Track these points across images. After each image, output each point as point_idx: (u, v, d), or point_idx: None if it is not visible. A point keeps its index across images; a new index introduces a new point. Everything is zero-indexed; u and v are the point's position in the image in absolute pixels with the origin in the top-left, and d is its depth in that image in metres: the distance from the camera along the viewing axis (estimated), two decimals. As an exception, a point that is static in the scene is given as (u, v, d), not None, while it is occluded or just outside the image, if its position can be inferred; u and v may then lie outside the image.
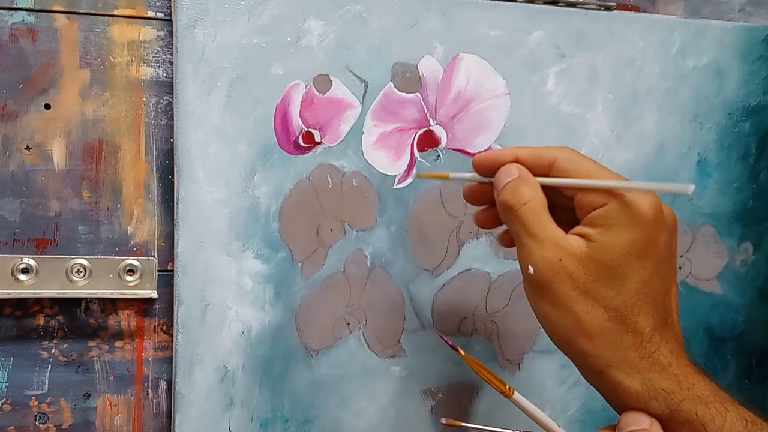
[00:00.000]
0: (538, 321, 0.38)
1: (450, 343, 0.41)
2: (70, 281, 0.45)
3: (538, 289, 0.37)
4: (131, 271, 0.46)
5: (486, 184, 0.40)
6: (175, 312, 0.46)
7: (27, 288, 0.45)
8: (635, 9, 0.54)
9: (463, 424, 0.42)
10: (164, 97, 0.47)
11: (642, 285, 0.35)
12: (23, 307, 0.46)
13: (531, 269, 0.36)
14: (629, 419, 0.36)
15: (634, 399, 0.35)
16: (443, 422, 0.42)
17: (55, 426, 0.47)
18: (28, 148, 0.45)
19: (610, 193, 0.35)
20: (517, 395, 0.40)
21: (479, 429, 0.42)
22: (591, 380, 0.37)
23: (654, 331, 0.35)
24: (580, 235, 0.36)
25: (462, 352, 0.41)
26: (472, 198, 0.42)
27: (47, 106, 0.45)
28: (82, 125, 0.46)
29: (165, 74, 0.47)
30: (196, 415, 0.47)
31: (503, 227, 0.41)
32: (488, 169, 0.40)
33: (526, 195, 0.37)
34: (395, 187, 0.49)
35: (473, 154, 0.50)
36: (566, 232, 0.36)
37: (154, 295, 0.47)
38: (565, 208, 0.39)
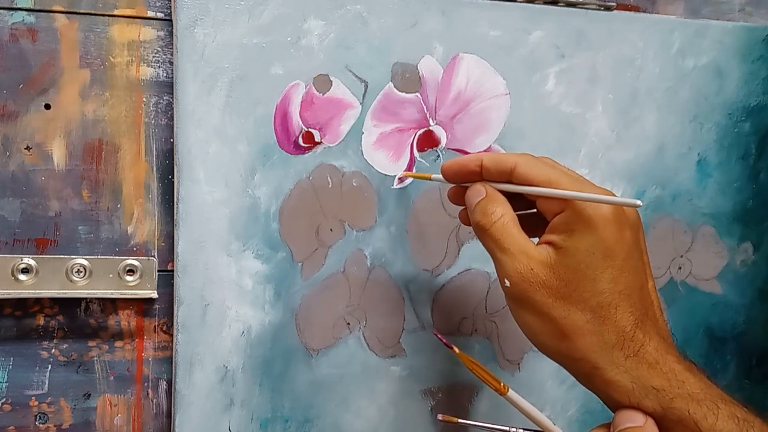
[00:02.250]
0: (523, 332, 0.39)
1: (444, 340, 0.41)
2: (70, 281, 0.45)
3: (516, 300, 0.38)
4: (131, 271, 0.46)
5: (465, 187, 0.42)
6: (175, 312, 0.46)
7: (27, 288, 0.45)
8: (635, 9, 0.54)
9: (459, 420, 0.42)
10: (164, 97, 0.47)
11: (614, 284, 0.36)
12: (23, 307, 0.46)
13: (507, 282, 0.38)
14: (624, 417, 0.36)
15: (626, 397, 0.36)
16: (439, 418, 0.42)
17: (55, 426, 0.47)
18: (28, 148, 0.45)
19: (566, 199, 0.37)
20: (511, 393, 0.40)
21: (475, 425, 0.42)
22: (583, 383, 0.38)
23: (636, 328, 0.36)
24: (547, 243, 0.37)
25: (456, 350, 0.41)
26: (456, 199, 0.43)
27: (47, 106, 0.45)
28: (82, 125, 0.46)
29: (165, 74, 0.47)
30: (196, 415, 0.47)
31: None
32: (456, 176, 0.41)
33: (495, 213, 0.39)
34: (395, 187, 0.49)
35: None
36: (538, 237, 0.38)
37: (154, 295, 0.47)
38: (534, 215, 0.40)
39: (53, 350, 0.47)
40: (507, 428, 0.40)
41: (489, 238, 0.39)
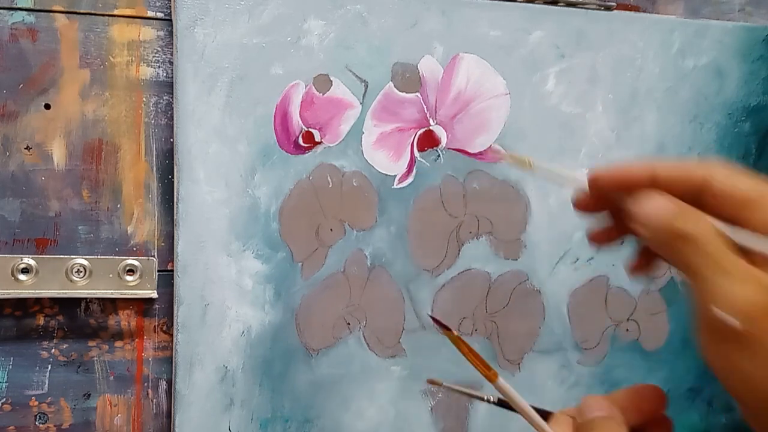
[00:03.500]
0: (722, 379, 0.29)
1: (441, 322, 0.40)
2: (70, 281, 0.45)
3: (733, 339, 0.28)
4: (131, 271, 0.46)
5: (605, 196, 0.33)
6: (175, 312, 0.46)
7: (27, 288, 0.45)
8: (635, 9, 0.54)
9: (444, 383, 0.40)
10: (164, 97, 0.47)
11: None
12: (23, 307, 0.46)
13: (729, 320, 0.28)
14: (590, 405, 0.32)
15: None
16: (428, 382, 0.41)
17: (55, 426, 0.47)
18: (28, 148, 0.45)
19: None
20: (501, 381, 0.38)
21: (458, 390, 0.41)
22: None
23: None
24: None
25: (455, 333, 0.39)
26: (590, 206, 0.34)
27: (47, 106, 0.45)
28: (82, 125, 0.46)
29: (165, 74, 0.47)
30: (196, 415, 0.47)
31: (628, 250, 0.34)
32: (612, 188, 0.32)
33: (702, 223, 0.29)
34: (395, 187, 0.49)
35: (473, 154, 0.50)
36: None
37: (154, 295, 0.47)
38: None
39: (53, 350, 0.47)
40: (484, 396, 0.39)
41: (700, 253, 0.29)
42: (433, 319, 0.38)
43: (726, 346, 0.28)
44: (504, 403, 0.37)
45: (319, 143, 0.48)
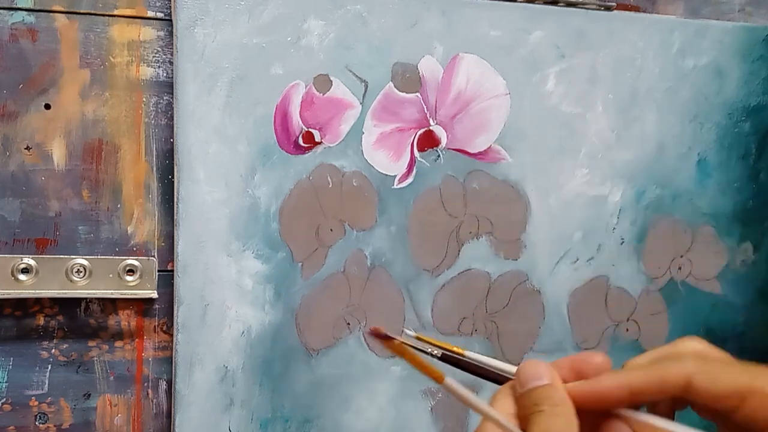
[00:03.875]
0: None
1: (381, 332, 0.37)
2: (70, 281, 0.45)
3: None
4: (131, 271, 0.46)
5: None
6: (175, 312, 0.46)
7: (27, 288, 0.45)
8: (635, 9, 0.54)
9: (466, 352, 0.38)
10: (164, 97, 0.47)
11: None
12: (23, 307, 0.46)
13: None
14: (527, 373, 0.30)
15: None
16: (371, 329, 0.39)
17: (55, 426, 0.47)
18: (28, 148, 0.45)
19: None
20: (448, 381, 0.36)
21: (407, 344, 0.38)
22: None
23: None
24: None
25: (397, 340, 0.37)
26: None
27: (47, 106, 0.45)
28: (82, 125, 0.46)
29: (165, 74, 0.47)
30: (196, 415, 0.47)
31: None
32: (590, 407, 0.29)
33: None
34: (395, 187, 0.49)
35: (473, 154, 0.50)
36: None
37: (154, 295, 0.47)
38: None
39: (53, 350, 0.47)
40: (429, 350, 0.37)
41: None
42: (372, 333, 0.35)
43: None
44: (448, 359, 0.35)
45: (319, 143, 0.48)
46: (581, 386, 0.29)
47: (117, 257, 0.46)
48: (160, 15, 0.46)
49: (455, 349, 0.37)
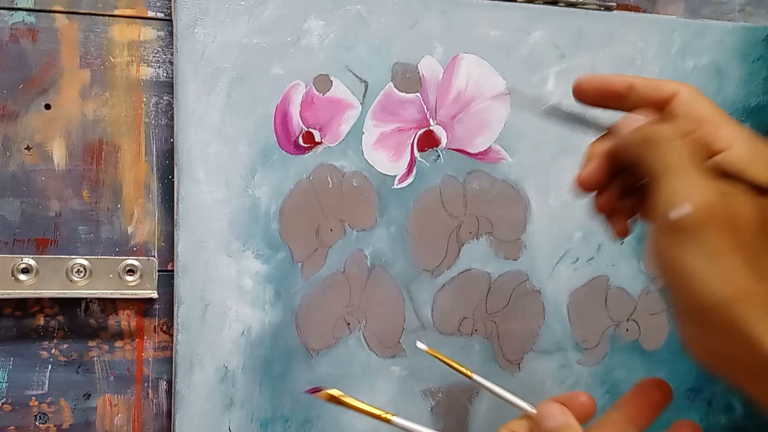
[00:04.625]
0: (669, 279, 0.30)
1: (313, 390, 0.38)
2: (70, 281, 0.45)
3: (684, 235, 0.29)
4: (131, 271, 0.46)
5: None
6: (175, 312, 0.46)
7: (27, 288, 0.45)
8: (635, 9, 0.54)
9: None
10: (164, 97, 0.47)
11: None
12: (23, 307, 0.46)
13: (682, 209, 0.29)
14: (544, 413, 0.34)
15: None
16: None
17: (55, 426, 0.47)
18: (28, 148, 0.45)
19: (734, 136, 0.32)
20: (396, 419, 0.38)
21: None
22: (737, 355, 0.29)
23: None
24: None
25: (332, 392, 0.38)
26: (593, 176, 0.35)
27: (47, 106, 0.45)
28: (82, 125, 0.46)
29: (165, 74, 0.47)
30: (196, 415, 0.47)
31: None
32: (593, 97, 0.37)
33: (669, 132, 0.31)
34: (395, 187, 0.49)
35: (473, 154, 0.50)
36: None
37: (154, 295, 0.47)
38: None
39: (53, 350, 0.47)
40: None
41: (664, 157, 0.31)
42: (311, 391, 0.37)
43: (676, 243, 0.29)
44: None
45: (319, 143, 0.48)
46: (593, 79, 0.37)
47: (117, 257, 0.46)
48: (160, 15, 0.46)
49: (464, 370, 0.39)
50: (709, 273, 0.29)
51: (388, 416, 0.37)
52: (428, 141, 0.49)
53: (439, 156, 0.50)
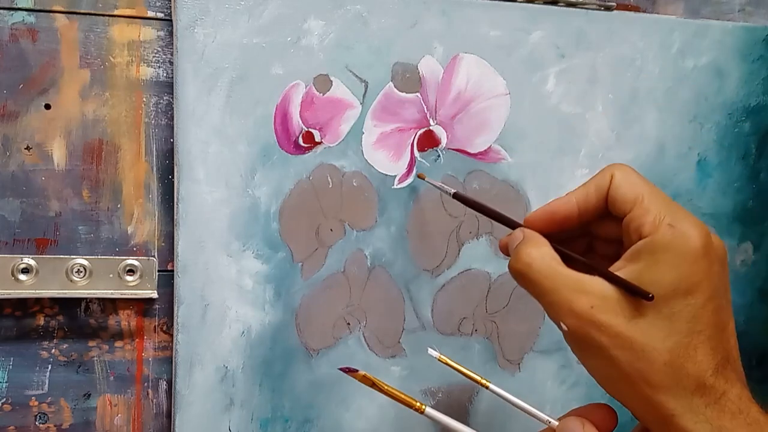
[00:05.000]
0: (590, 374, 0.35)
1: (347, 369, 0.40)
2: (70, 281, 0.45)
3: (577, 344, 0.34)
4: (131, 271, 0.46)
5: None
6: (175, 312, 0.46)
7: (27, 288, 0.45)
8: (635, 9, 0.54)
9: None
10: (164, 97, 0.47)
11: (694, 323, 0.32)
12: (23, 307, 0.46)
13: (564, 326, 0.34)
14: (566, 428, 0.36)
15: None
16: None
17: (55, 426, 0.47)
18: (28, 148, 0.45)
19: (658, 222, 0.33)
20: (429, 410, 0.39)
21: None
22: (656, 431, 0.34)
23: (717, 374, 0.32)
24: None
25: (362, 373, 0.39)
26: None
27: (47, 106, 0.45)
28: (82, 125, 0.46)
29: (165, 74, 0.47)
30: (196, 415, 0.47)
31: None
32: (547, 230, 0.37)
33: (531, 255, 0.35)
34: (395, 187, 0.49)
35: (473, 154, 0.50)
36: (608, 266, 0.34)
37: (154, 295, 0.47)
38: (608, 239, 0.37)
39: (53, 350, 0.47)
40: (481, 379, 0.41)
41: (529, 283, 0.35)
42: (343, 370, 0.39)
43: (577, 351, 0.35)
44: (459, 197, 0.40)
45: (319, 143, 0.48)
46: (537, 213, 0.37)
47: (117, 257, 0.46)
48: (160, 15, 0.46)
49: (479, 379, 0.40)
50: (607, 369, 0.34)
51: (422, 406, 0.38)
52: (428, 141, 0.49)
53: (439, 156, 0.50)
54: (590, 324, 0.33)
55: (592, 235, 0.39)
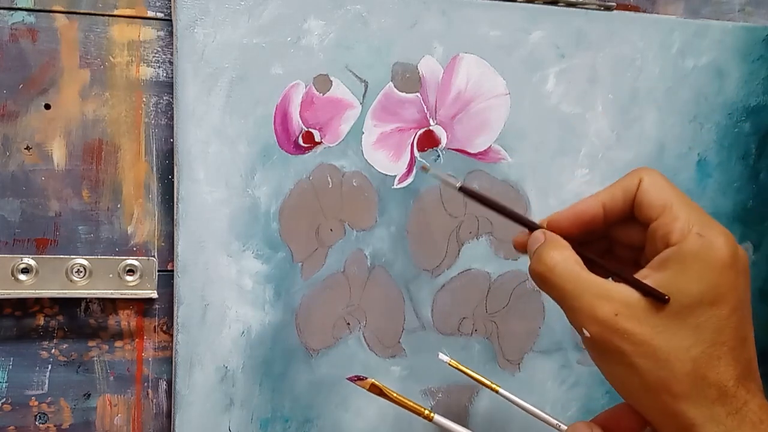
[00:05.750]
0: (608, 381, 0.35)
1: (354, 377, 0.40)
2: (70, 281, 0.45)
3: (599, 351, 0.34)
4: (131, 271, 0.46)
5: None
6: (175, 312, 0.46)
7: (27, 288, 0.45)
8: (635, 9, 0.54)
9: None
10: (164, 97, 0.47)
11: (717, 334, 0.32)
12: (23, 307, 0.46)
13: (586, 332, 0.33)
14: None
15: None
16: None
17: (55, 426, 0.47)
18: (28, 148, 0.45)
19: (687, 230, 0.33)
20: (437, 418, 0.39)
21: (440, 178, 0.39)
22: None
23: (738, 384, 0.32)
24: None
25: (371, 381, 0.39)
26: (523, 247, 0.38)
27: (47, 106, 0.45)
28: (82, 125, 0.46)
29: (165, 74, 0.47)
30: (196, 415, 0.47)
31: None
32: (572, 232, 0.36)
33: (553, 258, 0.34)
34: (395, 187, 0.49)
35: (473, 154, 0.50)
36: (633, 273, 0.34)
37: (154, 295, 0.47)
38: (628, 243, 0.37)
39: (53, 350, 0.47)
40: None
41: (551, 287, 0.34)
42: (351, 380, 0.39)
43: (598, 358, 0.34)
44: (466, 191, 0.38)
45: (319, 143, 0.48)
46: (563, 213, 0.36)
47: (117, 257, 0.46)
48: (160, 15, 0.46)
49: (490, 384, 0.40)
50: (629, 378, 0.33)
51: (431, 414, 0.38)
52: (428, 141, 0.49)
53: (439, 156, 0.50)
54: (614, 331, 0.32)
55: (610, 239, 0.38)
